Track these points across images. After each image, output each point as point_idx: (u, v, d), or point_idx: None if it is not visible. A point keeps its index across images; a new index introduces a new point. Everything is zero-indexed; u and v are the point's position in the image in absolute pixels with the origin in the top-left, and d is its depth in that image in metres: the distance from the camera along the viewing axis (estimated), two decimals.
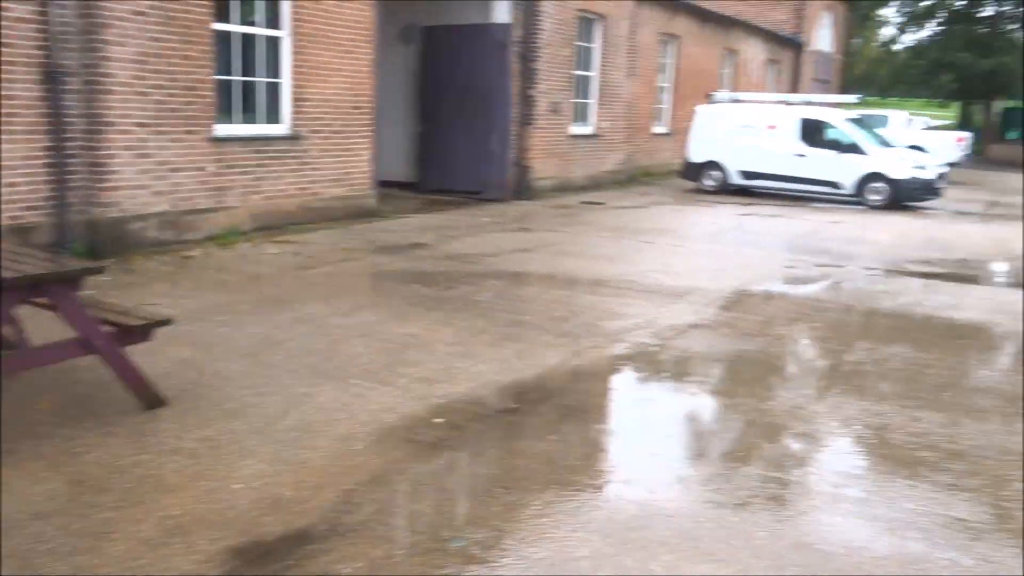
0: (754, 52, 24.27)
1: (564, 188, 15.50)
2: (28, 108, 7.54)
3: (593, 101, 16.64)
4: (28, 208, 7.69)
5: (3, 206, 7.49)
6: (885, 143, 15.47)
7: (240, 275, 7.37)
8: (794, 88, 26.50)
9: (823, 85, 28.36)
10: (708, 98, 17.10)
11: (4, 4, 7.27)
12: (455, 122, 14.51)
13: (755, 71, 24.39)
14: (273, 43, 9.82)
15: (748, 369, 5.17)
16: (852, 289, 7.73)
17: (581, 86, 16.27)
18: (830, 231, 11.52)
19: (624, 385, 4.76)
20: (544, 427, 4.03)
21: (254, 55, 9.67)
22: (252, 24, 9.57)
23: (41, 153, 7.70)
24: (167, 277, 7.21)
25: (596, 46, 16.45)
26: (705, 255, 9.20)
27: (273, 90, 9.90)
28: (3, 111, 7.37)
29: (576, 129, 16.08)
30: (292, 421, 4.01)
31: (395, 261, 8.29)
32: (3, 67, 7.32)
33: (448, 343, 5.42)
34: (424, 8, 14.65)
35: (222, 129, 9.21)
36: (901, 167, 14.30)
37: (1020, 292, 7.91)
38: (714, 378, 5.03)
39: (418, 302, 6.57)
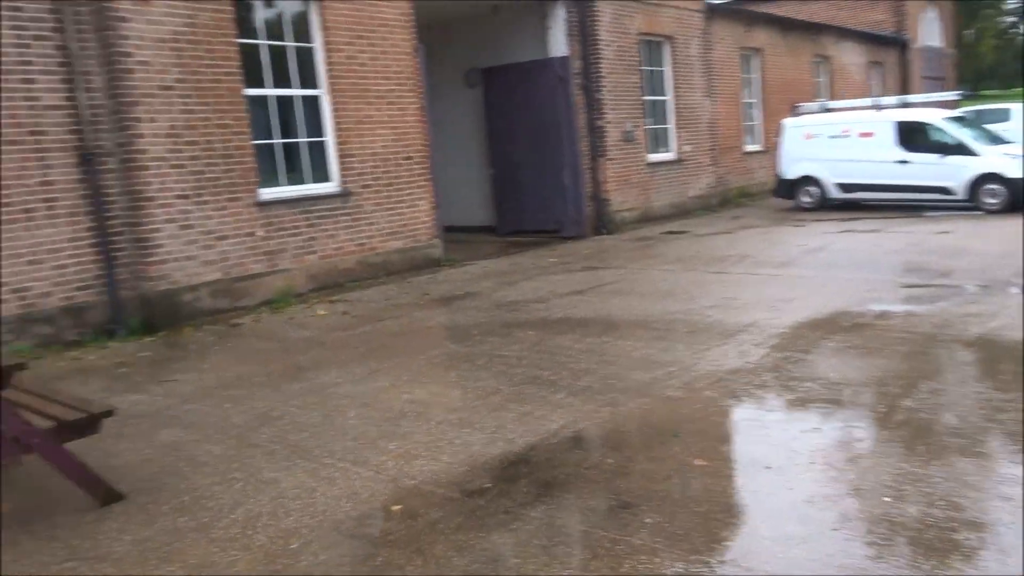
0: (850, 56, 22.92)
1: (647, 218, 14.89)
2: (68, 191, 7.74)
3: (671, 125, 16.00)
4: (79, 288, 7.86)
5: (55, 288, 7.69)
6: (998, 140, 14.06)
7: (277, 342, 7.24)
8: (904, 89, 24.83)
9: (936, 82, 26.50)
10: (794, 110, 16.11)
11: (34, 94, 7.51)
12: (525, 161, 14.23)
13: (855, 75, 23.00)
14: (312, 102, 9.82)
15: (778, 422, 4.50)
16: (938, 313, 6.81)
17: (656, 111, 15.68)
18: (931, 244, 10.43)
19: (622, 455, 4.20)
20: (508, 513, 3.55)
21: (294, 116, 9.69)
22: (287, 87, 9.59)
23: (86, 233, 7.88)
24: (205, 348, 7.15)
25: (667, 69, 15.85)
26: (776, 283, 8.43)
27: (318, 149, 9.89)
28: (44, 196, 7.58)
29: (655, 156, 15.47)
30: (240, 514, 3.70)
31: (438, 315, 7.98)
32: (40, 153, 7.55)
33: (450, 409, 5.02)
34: (484, 50, 14.52)
35: (267, 193, 9.23)
36: (1018, 165, 12.91)
37: None
38: (737, 447, 4.39)
39: (440, 361, 6.21)
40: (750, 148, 18.80)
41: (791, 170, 15.32)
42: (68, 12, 7.71)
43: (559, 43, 13.64)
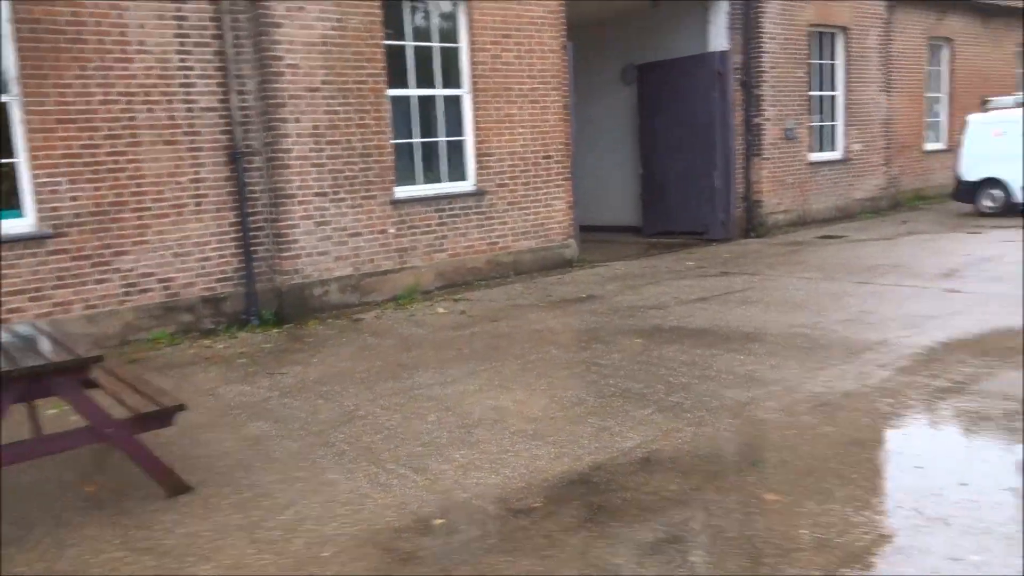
0: None
1: (804, 221, 14.05)
2: (217, 188, 8.23)
3: (839, 123, 14.97)
4: (219, 280, 8.36)
5: (198, 279, 8.21)
6: None
7: (390, 338, 7.37)
8: None
9: None
10: (983, 105, 14.61)
11: (192, 96, 8.03)
12: (676, 160, 13.78)
13: None
14: (454, 102, 9.93)
15: (871, 458, 4.03)
16: None
17: (823, 107, 14.72)
18: None
19: (689, 481, 3.90)
20: (547, 537, 3.37)
21: (435, 115, 9.84)
22: (430, 87, 9.74)
23: (230, 228, 8.35)
24: (322, 342, 7.40)
25: (839, 62, 14.83)
26: (924, 298, 7.65)
27: (456, 148, 10.00)
28: (194, 192, 8.11)
29: (817, 155, 14.55)
30: (289, 515, 3.74)
31: (551, 317, 7.84)
32: (194, 152, 8.07)
33: (529, 418, 4.88)
34: (641, 46, 14.19)
35: (403, 191, 9.43)
36: None
37: None
38: (819, 483, 3.97)
39: (536, 366, 6.07)
40: (931, 147, 17.30)
41: (973, 171, 13.92)
42: (227, 19, 8.18)
43: (720, 37, 13.07)
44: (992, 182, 13.67)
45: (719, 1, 13.02)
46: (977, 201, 13.93)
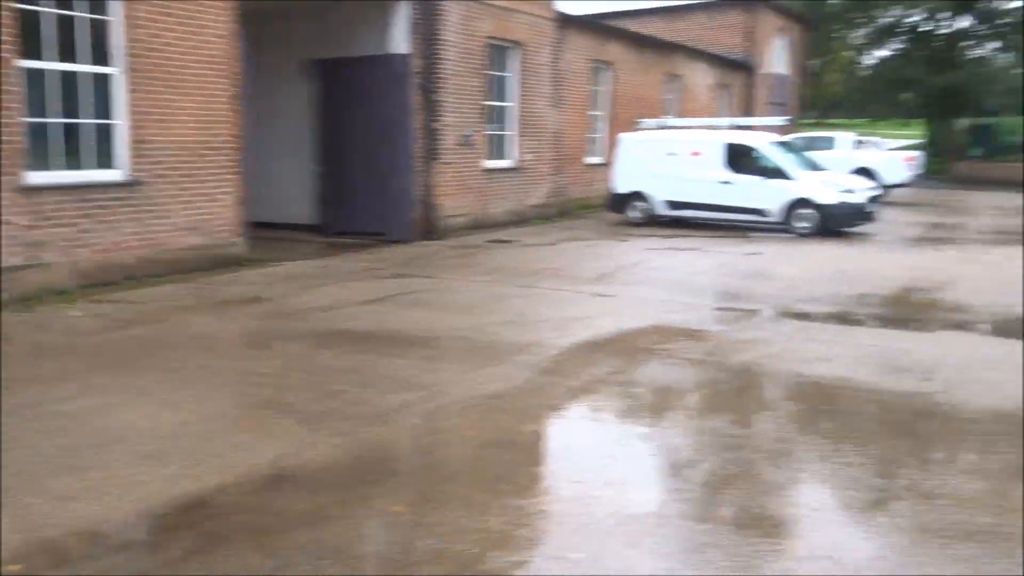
0: (701, 77, 23.50)
1: (480, 225, 14.57)
2: None
3: (513, 133, 15.77)
4: None
5: None
6: (814, 167, 14.58)
7: (14, 345, 6.37)
8: (748, 112, 25.74)
9: (779, 108, 27.58)
10: (634, 125, 16.23)
11: None
12: (357, 160, 13.64)
13: (703, 96, 23.60)
14: (102, 81, 8.91)
15: (505, 459, 4.17)
16: (717, 338, 6.74)
17: (498, 117, 15.41)
18: (741, 265, 10.56)
19: (318, 499, 3.71)
20: None
21: (80, 95, 8.75)
22: (72, 61, 8.65)
23: None
24: None
25: (513, 75, 15.62)
26: (576, 301, 8.23)
27: (104, 132, 8.98)
28: None
29: (493, 163, 15.19)
30: None
31: (209, 321, 7.30)
32: None
33: (156, 436, 4.42)
34: (324, 42, 13.83)
35: (37, 177, 8.27)
36: (827, 192, 13.38)
37: (908, 335, 6.95)
38: (452, 488, 4.01)
39: (183, 376, 5.57)
40: (593, 160, 18.85)
41: (623, 184, 15.40)
42: None
43: (401, 40, 13.12)
44: (638, 195, 15.19)
45: (400, 3, 13.09)
46: (626, 211, 15.41)
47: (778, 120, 17.30)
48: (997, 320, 7.48)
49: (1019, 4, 33.03)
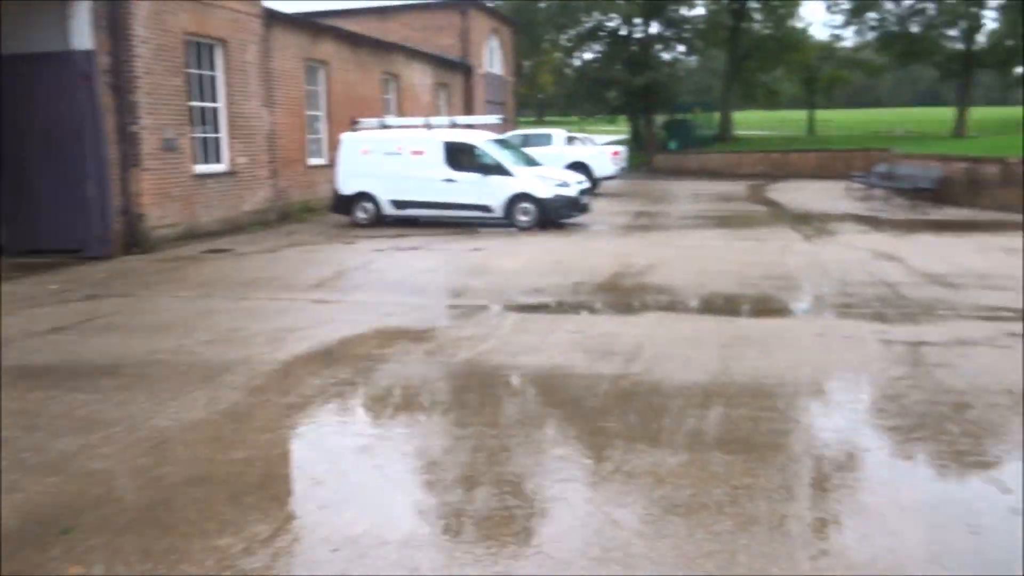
0: (420, 77, 23.67)
1: (192, 235, 13.52)
2: None
3: (223, 135, 14.81)
4: None
5: None
6: (531, 163, 15.16)
7: None
8: (468, 111, 26.36)
9: (497, 107, 28.56)
10: (353, 125, 15.92)
11: None
12: (41, 168, 12.07)
13: (423, 95, 23.79)
14: None
15: (205, 496, 3.76)
16: (438, 335, 6.68)
17: (208, 119, 14.39)
18: (461, 262, 10.66)
19: None
20: None
21: None
22: None
23: None
24: None
25: (219, 74, 14.66)
26: (293, 311, 7.79)
27: None
28: None
29: (203, 167, 14.15)
30: None
31: None
32: None
33: None
34: None
35: None
36: (544, 186, 13.97)
37: (617, 321, 7.33)
38: (139, 542, 3.52)
39: None
40: (314, 162, 18.29)
41: (348, 185, 15.06)
42: None
43: (83, 35, 11.75)
44: (364, 196, 14.93)
45: None
46: (353, 213, 15.09)
47: (495, 118, 17.77)
48: (699, 299, 8.11)
49: (702, 12, 37.08)
